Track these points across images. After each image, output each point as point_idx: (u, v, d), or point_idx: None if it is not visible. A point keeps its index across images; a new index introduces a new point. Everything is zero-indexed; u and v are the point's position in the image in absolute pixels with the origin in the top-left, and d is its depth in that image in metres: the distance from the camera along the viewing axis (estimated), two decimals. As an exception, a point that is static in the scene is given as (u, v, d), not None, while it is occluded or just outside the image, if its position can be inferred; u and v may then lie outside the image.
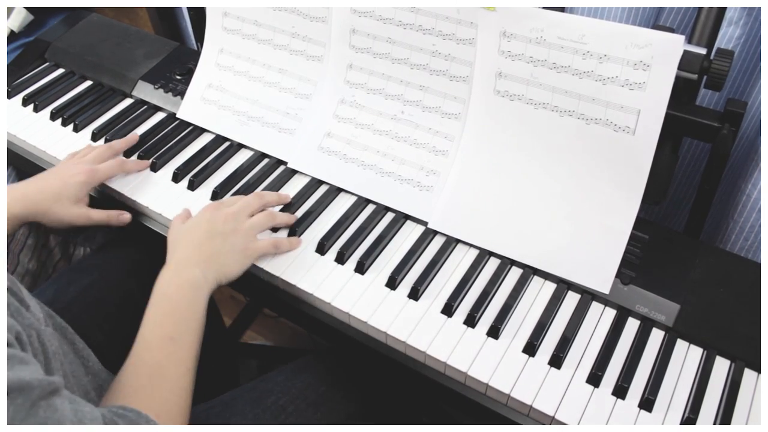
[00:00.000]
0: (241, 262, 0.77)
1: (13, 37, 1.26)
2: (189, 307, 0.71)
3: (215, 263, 0.75)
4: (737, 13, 0.84)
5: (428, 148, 0.87)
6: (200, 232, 0.77)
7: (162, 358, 0.67)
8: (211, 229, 0.78)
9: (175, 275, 0.73)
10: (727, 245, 0.92)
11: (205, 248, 0.76)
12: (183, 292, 0.72)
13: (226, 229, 0.78)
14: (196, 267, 0.74)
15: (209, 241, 0.76)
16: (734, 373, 0.69)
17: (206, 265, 0.74)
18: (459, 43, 0.82)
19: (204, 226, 0.78)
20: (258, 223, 0.81)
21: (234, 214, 0.80)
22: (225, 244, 0.77)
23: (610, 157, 0.77)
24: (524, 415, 0.69)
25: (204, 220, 0.79)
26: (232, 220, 0.79)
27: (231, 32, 1.00)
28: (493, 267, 0.80)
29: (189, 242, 0.77)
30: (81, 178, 0.87)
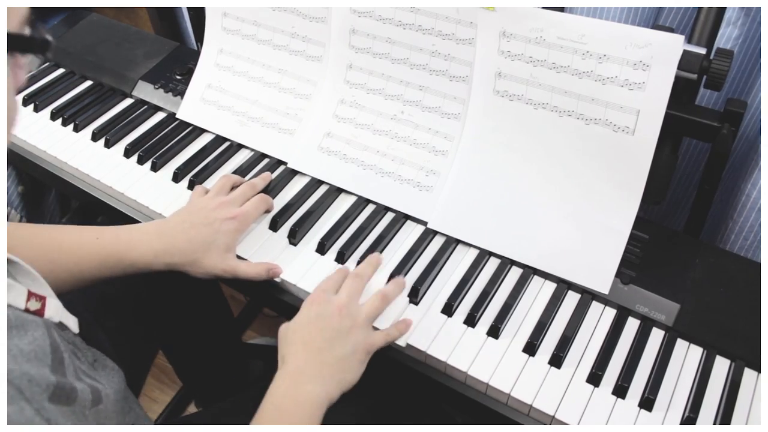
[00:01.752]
0: (363, 363, 0.68)
1: (13, 38, 1.26)
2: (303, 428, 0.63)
3: (338, 372, 0.66)
4: (735, 14, 0.84)
5: (428, 148, 0.88)
6: (315, 333, 0.67)
7: None
8: (328, 328, 0.67)
9: (293, 389, 0.64)
10: (727, 245, 0.92)
11: (325, 355, 0.66)
12: (300, 410, 0.63)
13: (343, 326, 0.68)
14: (317, 382, 0.64)
15: (329, 344, 0.66)
16: (734, 372, 0.69)
17: (330, 377, 0.65)
18: (459, 43, 0.82)
19: (317, 324, 0.68)
20: (374, 311, 0.72)
21: (346, 305, 0.70)
22: (347, 346, 0.67)
23: (609, 157, 0.77)
24: (524, 414, 0.69)
25: (314, 317, 0.69)
26: (347, 314, 0.69)
27: (230, 32, 1.00)
28: (493, 267, 0.80)
29: (305, 346, 0.67)
30: (233, 225, 0.78)
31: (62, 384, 0.49)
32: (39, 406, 0.46)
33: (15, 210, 1.23)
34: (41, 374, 0.47)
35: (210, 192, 0.84)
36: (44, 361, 0.49)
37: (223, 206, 0.80)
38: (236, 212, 0.79)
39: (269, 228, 0.86)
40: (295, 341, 0.67)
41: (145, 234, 0.77)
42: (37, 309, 0.54)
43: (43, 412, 0.46)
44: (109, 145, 0.99)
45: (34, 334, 0.50)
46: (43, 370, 0.48)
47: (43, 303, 0.55)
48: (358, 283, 0.74)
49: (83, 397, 0.52)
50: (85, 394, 0.53)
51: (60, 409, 0.48)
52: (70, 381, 0.51)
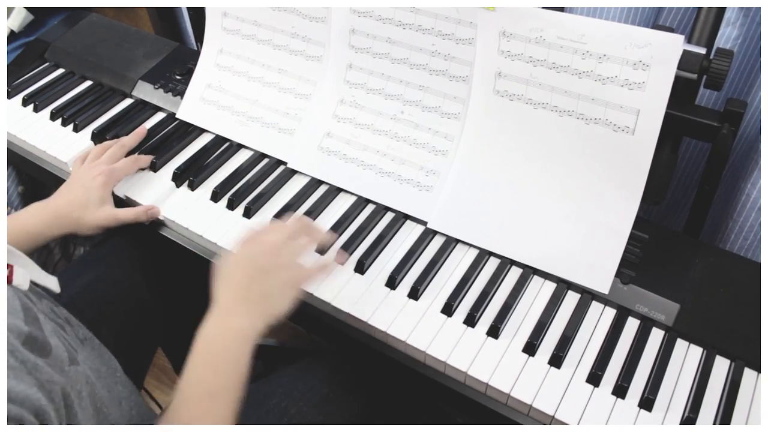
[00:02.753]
0: (290, 297, 0.72)
1: (13, 37, 1.26)
2: (233, 360, 0.66)
3: (262, 305, 0.70)
4: (734, 14, 0.84)
5: (428, 148, 0.87)
6: (242, 272, 0.72)
7: (199, 414, 0.63)
8: (253, 267, 0.72)
9: (220, 324, 0.68)
10: (726, 245, 0.92)
11: (250, 291, 0.70)
12: (227, 344, 0.67)
13: (268, 264, 0.72)
14: (243, 315, 0.68)
15: (253, 282, 0.71)
16: (734, 372, 0.69)
17: (254, 311, 0.69)
18: (459, 42, 0.82)
19: (244, 263, 0.72)
20: (300, 249, 0.76)
21: (273, 245, 0.74)
22: (270, 283, 0.71)
23: (609, 157, 0.77)
24: (524, 414, 0.69)
25: (243, 257, 0.73)
26: (272, 252, 0.73)
27: (230, 32, 1.00)
28: (493, 267, 0.80)
29: (231, 284, 0.71)
30: (101, 180, 0.88)
31: (35, 335, 0.53)
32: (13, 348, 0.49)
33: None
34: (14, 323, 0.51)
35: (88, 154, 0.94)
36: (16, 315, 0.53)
37: (93, 167, 0.90)
38: (102, 168, 0.89)
39: (269, 228, 0.86)
40: (224, 281, 0.72)
41: (32, 210, 0.86)
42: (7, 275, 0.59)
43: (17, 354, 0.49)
44: (109, 145, 0.99)
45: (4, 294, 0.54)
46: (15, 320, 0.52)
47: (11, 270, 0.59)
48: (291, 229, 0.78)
49: (58, 353, 0.55)
50: (60, 350, 0.55)
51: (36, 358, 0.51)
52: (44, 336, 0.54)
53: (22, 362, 0.49)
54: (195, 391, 0.64)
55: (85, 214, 0.86)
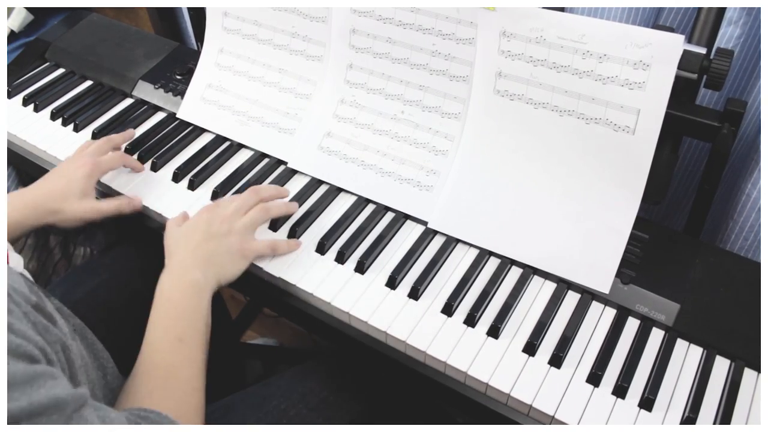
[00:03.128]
0: (238, 263, 0.77)
1: (13, 37, 1.26)
2: (194, 308, 0.71)
3: (213, 265, 0.75)
4: (737, 13, 0.84)
5: (428, 148, 0.87)
6: (197, 235, 0.77)
7: (173, 359, 0.66)
8: (207, 231, 0.77)
9: (176, 279, 0.73)
10: (727, 245, 0.92)
11: (202, 250, 0.76)
12: (186, 294, 0.71)
13: (221, 230, 0.78)
14: (196, 269, 0.74)
15: (206, 243, 0.76)
16: (734, 372, 0.69)
17: (206, 266, 0.74)
18: (459, 42, 0.82)
19: (201, 227, 0.78)
20: (252, 221, 0.81)
21: (230, 215, 0.80)
22: (221, 246, 0.77)
23: (609, 157, 0.77)
24: (524, 414, 0.69)
25: (201, 222, 0.79)
26: (227, 220, 0.79)
27: (231, 32, 1.00)
28: (493, 267, 0.80)
29: (186, 245, 0.76)
30: (85, 170, 0.86)
31: (42, 305, 0.55)
32: (26, 309, 0.51)
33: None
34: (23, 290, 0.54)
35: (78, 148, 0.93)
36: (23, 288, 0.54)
37: (77, 158, 0.89)
38: (87, 161, 0.87)
39: (269, 228, 0.86)
40: (178, 239, 0.77)
41: (11, 198, 0.84)
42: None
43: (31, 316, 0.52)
44: (109, 145, 0.99)
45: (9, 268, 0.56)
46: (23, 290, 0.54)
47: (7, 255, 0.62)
48: (249, 197, 0.83)
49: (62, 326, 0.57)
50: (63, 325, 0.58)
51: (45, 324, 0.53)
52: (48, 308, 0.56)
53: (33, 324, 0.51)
54: (164, 339, 0.68)
55: (65, 205, 0.83)
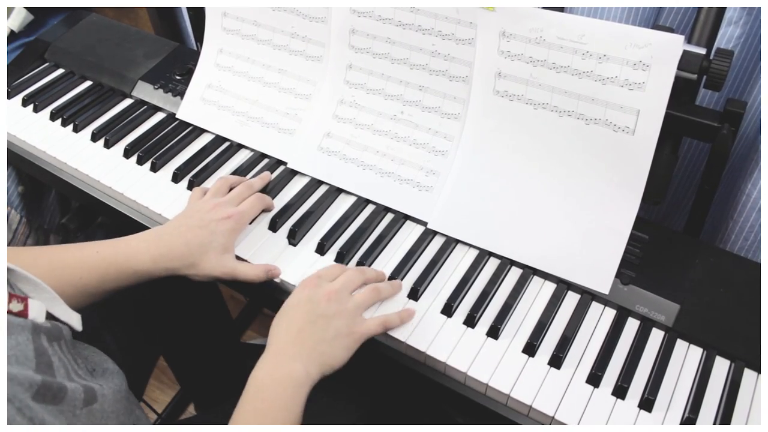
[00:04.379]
0: (347, 348, 0.69)
1: (13, 37, 1.26)
2: (287, 406, 0.63)
3: (318, 353, 0.67)
4: (737, 13, 0.83)
5: (428, 149, 0.87)
6: (300, 315, 0.69)
7: None
8: (312, 311, 0.69)
9: (274, 368, 0.65)
10: (727, 245, 0.92)
11: (306, 335, 0.67)
12: (281, 389, 0.64)
13: (329, 310, 0.69)
14: (297, 360, 0.66)
15: (311, 326, 0.68)
16: (734, 373, 0.69)
17: (308, 356, 0.66)
18: (458, 43, 0.82)
19: (304, 307, 0.70)
20: (364, 301, 0.73)
21: (336, 291, 0.71)
22: (328, 329, 0.68)
23: (609, 157, 0.77)
24: (524, 415, 0.69)
25: (304, 300, 0.70)
26: (335, 299, 0.70)
27: (230, 32, 1.00)
28: (493, 267, 0.80)
29: (288, 327, 0.68)
30: (229, 225, 0.78)
31: (49, 383, 0.50)
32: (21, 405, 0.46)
33: (15, 210, 1.23)
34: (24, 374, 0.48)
35: (207, 194, 0.84)
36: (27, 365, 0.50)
37: (219, 207, 0.80)
38: (231, 212, 0.79)
39: (269, 228, 0.86)
40: (280, 324, 0.69)
41: (143, 242, 0.77)
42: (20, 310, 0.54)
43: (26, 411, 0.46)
44: (109, 146, 0.99)
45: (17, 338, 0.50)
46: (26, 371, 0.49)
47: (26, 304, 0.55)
48: (356, 276, 0.74)
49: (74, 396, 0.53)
50: (76, 393, 0.53)
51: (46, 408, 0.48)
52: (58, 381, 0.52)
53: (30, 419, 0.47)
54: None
55: (203, 259, 0.75)
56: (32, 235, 1.26)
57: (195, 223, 0.78)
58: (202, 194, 0.85)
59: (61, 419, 0.49)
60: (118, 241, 0.77)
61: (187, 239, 0.76)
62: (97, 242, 0.77)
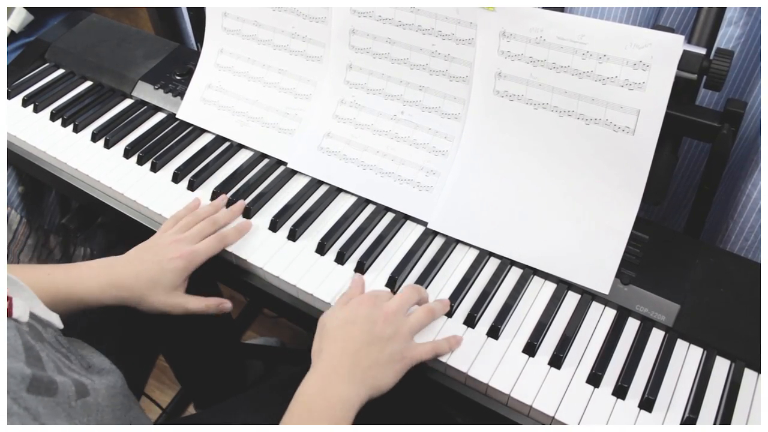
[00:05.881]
0: (398, 372, 0.68)
1: (13, 38, 1.26)
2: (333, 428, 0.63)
3: (371, 377, 0.66)
4: (737, 13, 0.84)
5: (428, 149, 0.87)
6: (358, 335, 0.68)
7: None
8: (370, 332, 0.68)
9: (326, 387, 0.64)
10: (727, 245, 0.92)
11: (362, 357, 0.66)
12: (331, 410, 0.63)
13: (385, 333, 0.68)
14: (350, 382, 0.65)
15: (367, 347, 0.67)
16: (734, 373, 0.69)
17: (362, 380, 0.66)
18: (459, 43, 0.82)
19: (362, 326, 0.68)
20: (419, 323, 0.72)
21: (394, 313, 0.70)
22: (383, 353, 0.67)
23: (609, 158, 0.77)
24: (524, 415, 0.69)
25: (360, 318, 0.69)
26: (391, 321, 0.69)
27: (231, 33, 1.00)
28: (493, 267, 0.80)
29: (342, 346, 0.67)
30: (179, 264, 0.78)
31: (39, 376, 0.51)
32: (16, 395, 0.47)
33: (15, 210, 1.23)
34: (16, 367, 0.49)
35: (173, 227, 0.83)
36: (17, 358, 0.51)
37: (176, 243, 0.80)
38: (185, 251, 0.79)
39: (269, 228, 0.86)
40: (335, 338, 0.68)
41: (94, 269, 0.77)
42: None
43: (21, 401, 0.47)
44: (109, 146, 0.99)
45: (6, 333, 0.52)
46: (17, 364, 0.50)
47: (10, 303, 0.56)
48: (413, 295, 0.74)
49: (65, 389, 0.54)
50: (66, 386, 0.54)
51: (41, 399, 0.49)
52: (48, 375, 0.53)
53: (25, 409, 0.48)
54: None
55: (151, 294, 0.77)
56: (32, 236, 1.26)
57: (148, 257, 0.79)
58: (174, 223, 0.84)
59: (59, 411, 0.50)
60: (71, 266, 0.78)
61: (138, 272, 0.77)
62: (54, 265, 0.78)
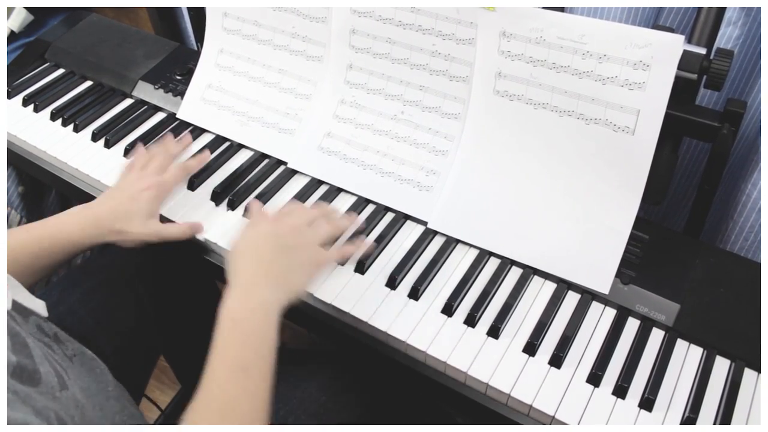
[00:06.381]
0: (310, 275, 0.75)
1: (13, 38, 1.26)
2: (261, 332, 0.66)
3: (286, 281, 0.71)
4: (736, 14, 0.84)
5: (428, 148, 0.88)
6: (267, 249, 0.72)
7: (234, 391, 0.62)
8: (277, 244, 0.73)
9: (244, 298, 0.68)
10: (727, 245, 0.92)
11: (273, 265, 0.71)
12: (254, 316, 0.66)
13: (292, 243, 0.74)
14: (265, 288, 0.69)
15: (277, 257, 0.72)
16: (734, 373, 0.69)
17: (277, 285, 0.70)
18: (459, 43, 0.82)
19: (269, 240, 0.73)
20: (323, 232, 0.78)
21: (297, 225, 0.76)
22: (293, 260, 0.72)
23: (609, 157, 0.77)
24: (524, 414, 0.69)
25: (268, 234, 0.74)
26: (297, 232, 0.75)
27: (231, 32, 1.00)
28: (493, 267, 0.80)
29: (254, 259, 0.71)
30: (152, 193, 0.83)
31: (24, 364, 0.51)
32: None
33: (15, 210, 1.23)
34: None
35: (134, 167, 0.89)
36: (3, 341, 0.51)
37: (142, 178, 0.85)
38: (152, 182, 0.84)
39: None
40: (247, 256, 0.72)
41: (72, 215, 0.82)
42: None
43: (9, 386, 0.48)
44: (109, 146, 0.99)
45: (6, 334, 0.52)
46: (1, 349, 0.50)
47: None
48: (312, 210, 0.80)
49: (48, 380, 0.54)
50: (49, 377, 0.54)
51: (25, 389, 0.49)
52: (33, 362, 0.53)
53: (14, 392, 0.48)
54: (226, 367, 0.63)
55: (130, 226, 0.81)
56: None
57: (119, 194, 0.84)
58: (130, 168, 0.89)
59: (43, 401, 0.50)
60: (48, 219, 0.82)
61: (113, 207, 0.82)
62: (30, 224, 0.82)
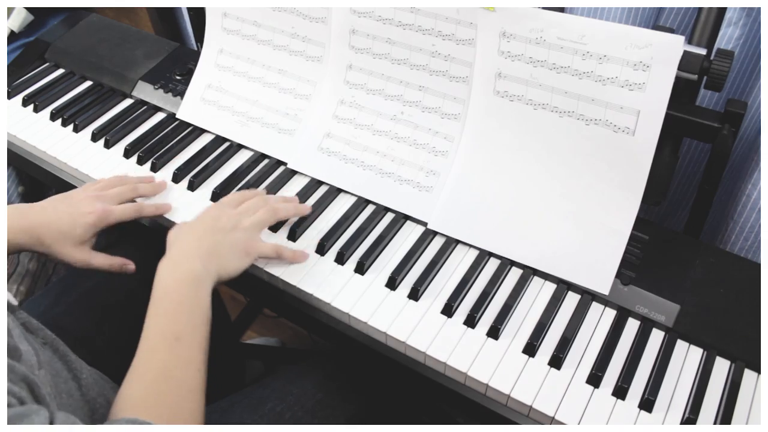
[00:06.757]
0: (241, 260, 0.76)
1: (13, 38, 1.26)
2: (193, 301, 0.67)
3: (216, 255, 0.73)
4: (736, 14, 0.84)
5: (428, 149, 0.87)
6: (201, 227, 0.76)
7: (169, 359, 0.63)
8: (213, 225, 0.76)
9: (174, 268, 0.70)
10: (727, 245, 0.92)
11: (205, 242, 0.73)
12: (184, 286, 0.68)
13: (227, 225, 0.76)
14: (196, 259, 0.71)
15: (210, 235, 0.74)
16: (734, 373, 0.69)
17: (206, 256, 0.72)
18: (459, 43, 0.82)
19: (207, 222, 0.77)
20: (259, 220, 0.80)
21: (238, 213, 0.79)
22: (225, 240, 0.75)
23: (609, 158, 0.77)
24: (524, 415, 0.69)
25: (207, 217, 0.78)
26: (235, 217, 0.78)
27: (231, 33, 1.00)
28: (493, 267, 0.80)
29: (189, 236, 0.74)
30: (90, 219, 0.80)
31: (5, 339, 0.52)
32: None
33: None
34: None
35: (97, 185, 0.86)
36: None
37: (92, 200, 0.82)
38: (98, 209, 0.81)
39: (269, 229, 0.85)
40: (182, 234, 0.74)
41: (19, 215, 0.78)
42: None
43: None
44: (109, 146, 0.99)
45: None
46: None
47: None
48: (259, 201, 0.82)
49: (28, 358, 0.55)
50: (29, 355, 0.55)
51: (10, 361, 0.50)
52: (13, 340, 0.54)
53: None
54: (159, 336, 0.64)
55: (59, 246, 0.78)
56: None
57: (63, 207, 0.80)
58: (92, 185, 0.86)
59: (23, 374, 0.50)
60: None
61: (50, 222, 0.78)
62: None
